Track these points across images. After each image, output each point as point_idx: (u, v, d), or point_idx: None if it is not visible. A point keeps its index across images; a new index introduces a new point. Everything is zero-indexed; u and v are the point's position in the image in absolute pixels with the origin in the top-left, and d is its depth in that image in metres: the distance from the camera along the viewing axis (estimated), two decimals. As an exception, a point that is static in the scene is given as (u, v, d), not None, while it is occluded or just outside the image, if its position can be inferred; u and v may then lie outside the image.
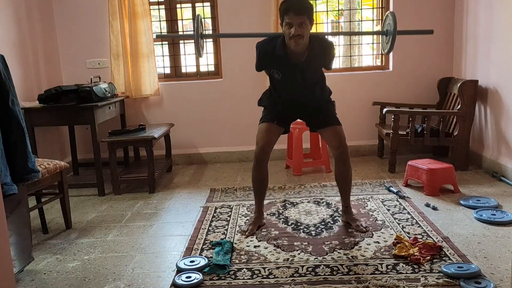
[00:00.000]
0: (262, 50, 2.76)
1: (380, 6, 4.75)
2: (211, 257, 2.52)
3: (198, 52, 2.79)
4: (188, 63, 4.87)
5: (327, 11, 5.30)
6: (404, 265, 2.35)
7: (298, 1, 2.56)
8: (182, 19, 4.90)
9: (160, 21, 4.84)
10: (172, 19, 4.78)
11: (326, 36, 2.94)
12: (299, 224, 2.99)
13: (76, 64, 4.72)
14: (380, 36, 3.08)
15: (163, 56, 4.92)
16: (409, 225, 2.88)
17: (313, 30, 2.71)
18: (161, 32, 4.81)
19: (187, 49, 4.86)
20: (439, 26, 4.59)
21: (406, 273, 2.27)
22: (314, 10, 2.61)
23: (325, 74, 2.96)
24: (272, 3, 4.40)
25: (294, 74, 2.73)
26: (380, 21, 4.78)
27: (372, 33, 4.11)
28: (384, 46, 2.85)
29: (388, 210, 3.17)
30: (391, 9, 4.62)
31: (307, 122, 3.01)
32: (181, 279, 2.30)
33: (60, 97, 3.83)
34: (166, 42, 4.86)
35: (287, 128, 2.99)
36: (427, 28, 3.16)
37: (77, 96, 3.84)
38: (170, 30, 4.81)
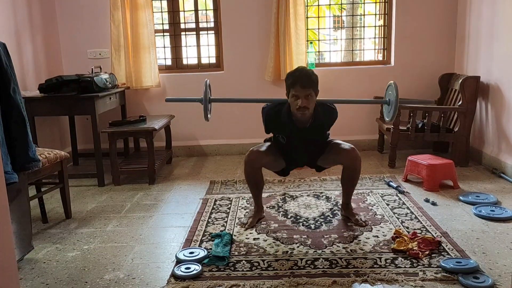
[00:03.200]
0: (267, 117, 2.80)
1: (383, 1, 4.73)
2: (211, 249, 2.53)
3: (206, 116, 2.78)
4: (189, 55, 4.86)
5: (329, 5, 5.27)
6: (402, 259, 2.36)
7: (304, 75, 2.60)
8: (184, 10, 4.88)
9: (161, 12, 4.82)
10: (174, 10, 4.76)
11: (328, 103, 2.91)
12: (298, 217, 2.99)
13: (77, 54, 4.70)
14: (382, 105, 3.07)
15: (164, 47, 4.90)
16: (408, 219, 2.89)
17: (315, 23, 2.70)
18: (162, 24, 4.79)
19: (188, 40, 4.84)
20: (442, 22, 4.58)
21: (405, 267, 2.28)
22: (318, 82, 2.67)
23: (325, 67, 2.95)
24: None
25: (298, 139, 2.78)
26: (383, 15, 4.76)
27: (374, 102, 4.17)
28: (387, 114, 2.87)
29: (388, 204, 3.18)
30: (394, 5, 4.61)
31: (311, 166, 3.01)
32: (181, 270, 2.30)
33: (61, 87, 3.82)
34: (168, 34, 4.84)
35: (287, 170, 2.99)
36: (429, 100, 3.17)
37: (78, 86, 3.83)
38: (172, 21, 4.79)
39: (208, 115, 2.78)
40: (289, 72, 2.73)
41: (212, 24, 4.80)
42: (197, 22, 4.83)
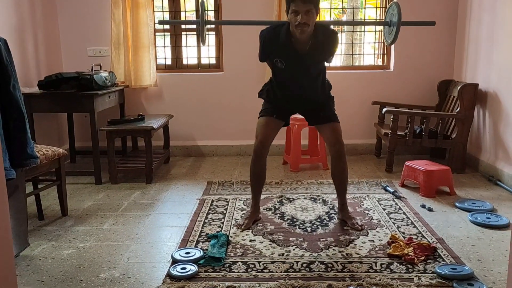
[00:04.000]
0: (266, 38, 2.75)
1: (383, 6, 4.75)
2: (207, 249, 2.53)
3: (202, 40, 2.76)
4: (189, 55, 4.86)
5: (330, 9, 5.29)
6: (398, 265, 2.36)
7: None
8: (185, 11, 4.88)
9: (163, 11, 4.83)
10: (175, 10, 4.77)
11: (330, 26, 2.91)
12: (295, 220, 3.00)
13: (77, 52, 4.70)
14: (383, 28, 3.06)
15: (164, 47, 4.90)
16: (404, 225, 2.90)
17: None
18: (163, 25, 4.79)
19: (189, 40, 4.84)
20: (441, 28, 4.60)
21: (400, 272, 2.29)
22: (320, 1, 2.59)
23: (326, 72, 2.96)
24: (276, -3, 4.40)
25: (297, 63, 2.72)
26: (384, 18, 4.77)
27: (376, 23, 4.09)
28: (388, 36, 2.84)
29: (384, 209, 3.19)
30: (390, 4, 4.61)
31: (306, 117, 3.01)
32: (176, 270, 2.30)
33: (60, 84, 3.82)
34: (168, 33, 4.84)
35: (287, 121, 3.00)
36: (429, 21, 3.15)
37: (77, 84, 3.83)
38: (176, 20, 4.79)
39: (204, 39, 2.76)
40: None
41: (212, 25, 4.80)
42: (198, 22, 4.82)
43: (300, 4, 2.51)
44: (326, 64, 2.91)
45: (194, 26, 4.83)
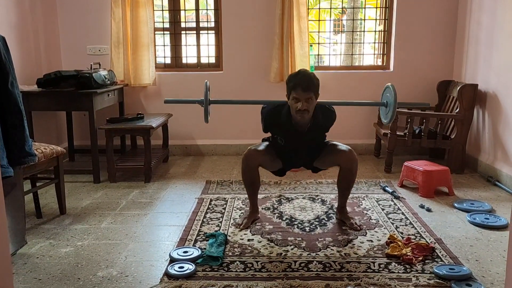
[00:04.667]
0: (267, 118, 2.81)
1: (384, 6, 4.74)
2: (205, 249, 2.53)
3: (206, 118, 2.78)
4: (189, 54, 4.86)
5: (330, 9, 5.29)
6: (396, 265, 2.36)
7: (306, 78, 2.61)
8: (185, 9, 4.88)
9: (162, 10, 4.82)
10: (174, 9, 4.76)
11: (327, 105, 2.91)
12: (293, 219, 3.00)
13: (77, 50, 4.69)
14: (380, 108, 3.09)
15: (164, 46, 4.90)
16: (402, 225, 2.90)
17: (315, 24, 2.70)
18: (163, 23, 4.79)
19: (188, 39, 4.84)
20: (441, 29, 4.60)
21: (398, 272, 2.29)
22: (319, 85, 2.67)
23: (325, 70, 2.96)
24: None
25: (297, 140, 2.79)
26: (383, 21, 4.77)
27: (372, 104, 4.18)
28: (384, 116, 2.88)
29: (383, 209, 3.18)
30: (394, 11, 4.62)
31: (308, 167, 3.01)
32: (174, 269, 2.30)
33: (59, 82, 3.81)
34: (168, 32, 4.84)
35: (283, 171, 2.99)
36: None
37: (76, 82, 3.82)
38: (173, 20, 4.79)
39: (208, 117, 2.77)
40: (290, 74, 2.74)
41: (212, 24, 4.80)
42: (197, 21, 4.82)
43: (301, 93, 2.58)
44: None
45: (194, 25, 4.83)
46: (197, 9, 4.80)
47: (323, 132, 2.88)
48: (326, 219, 3.01)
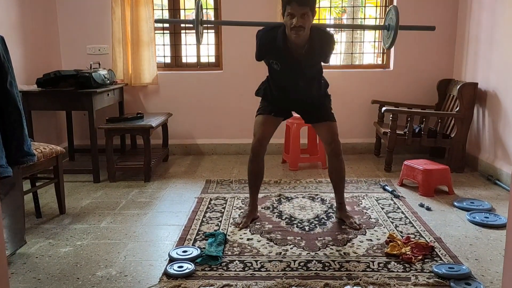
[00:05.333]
0: (261, 40, 2.72)
1: (384, 5, 4.73)
2: (204, 248, 2.53)
3: (198, 39, 2.74)
4: (188, 53, 4.85)
5: (330, 7, 5.28)
6: (395, 264, 2.36)
7: None
8: (184, 9, 4.87)
9: (162, 9, 4.82)
10: (174, 8, 4.76)
11: (327, 29, 2.91)
12: (293, 218, 2.99)
13: (76, 49, 4.69)
14: (382, 31, 3.05)
15: (163, 45, 4.89)
16: (402, 224, 2.90)
17: (315, 21, 2.69)
18: (162, 22, 4.78)
19: (188, 39, 4.84)
20: (441, 27, 4.58)
21: (397, 271, 2.28)
22: (317, 3, 2.56)
23: (324, 69, 2.95)
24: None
25: (293, 66, 2.70)
26: (383, 19, 4.76)
27: (374, 27, 4.08)
28: (386, 41, 2.82)
29: (382, 208, 3.18)
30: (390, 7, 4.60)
31: (303, 115, 3.00)
32: (173, 269, 2.30)
33: (59, 81, 3.81)
34: (168, 31, 4.84)
35: (286, 116, 2.99)
36: (429, 26, 3.14)
37: (76, 82, 3.82)
38: (172, 18, 4.78)
39: (200, 38, 2.74)
40: None
41: (210, 25, 4.79)
42: (197, 20, 4.81)
43: (296, 7, 2.48)
44: (323, 63, 2.89)
45: (192, 25, 4.82)
46: (195, 7, 4.78)
47: (320, 58, 2.77)
48: (326, 218, 3.00)
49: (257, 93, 2.98)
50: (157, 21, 2.92)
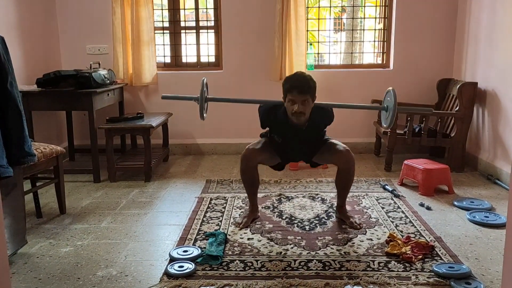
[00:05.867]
0: (263, 117, 2.82)
1: (384, 4, 4.74)
2: (204, 248, 2.53)
3: (201, 115, 2.76)
4: (188, 53, 4.85)
5: (330, 7, 5.28)
6: (396, 263, 2.36)
7: (302, 81, 2.59)
8: (184, 9, 4.88)
9: (162, 9, 4.82)
10: (174, 8, 4.76)
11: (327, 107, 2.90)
12: (293, 218, 3.00)
13: (76, 49, 4.69)
14: (380, 111, 3.07)
15: (163, 45, 4.90)
16: (402, 223, 2.90)
17: (315, 23, 2.69)
18: (162, 22, 4.78)
19: (188, 39, 4.84)
20: (441, 27, 4.59)
21: (398, 271, 2.29)
22: (316, 89, 2.66)
23: (324, 69, 2.95)
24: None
25: (294, 138, 2.78)
26: (383, 19, 4.77)
27: (372, 107, 4.17)
28: (384, 121, 2.84)
29: (383, 208, 3.18)
30: (394, 9, 4.61)
31: (307, 162, 3.02)
32: (174, 268, 2.30)
33: (59, 81, 3.81)
34: (167, 31, 4.84)
35: (282, 165, 3.00)
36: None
37: (76, 82, 3.82)
38: (172, 19, 4.78)
39: (204, 114, 2.76)
40: (287, 76, 2.74)
41: (212, 23, 4.80)
42: (197, 20, 4.82)
43: (296, 95, 2.56)
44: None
45: (194, 24, 4.83)
46: (196, 8, 4.80)
47: (321, 131, 2.87)
48: (326, 217, 3.01)
49: (262, 126, 2.94)
50: (163, 97, 2.98)
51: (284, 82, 2.66)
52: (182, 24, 4.83)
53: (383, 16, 4.77)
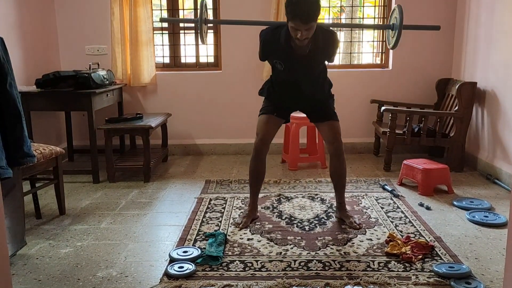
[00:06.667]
0: (265, 40, 2.71)
1: (382, 4, 4.74)
2: (204, 248, 2.53)
3: (201, 39, 2.72)
4: (187, 53, 4.85)
5: (329, 7, 5.28)
6: (396, 263, 2.36)
7: (306, 8, 2.40)
8: (183, 9, 4.87)
9: (161, 10, 4.81)
10: (173, 8, 4.75)
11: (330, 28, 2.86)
12: (293, 218, 3.00)
13: (75, 50, 4.69)
14: (386, 30, 3.04)
15: (162, 45, 4.89)
16: (402, 223, 2.90)
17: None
18: (163, 22, 4.77)
19: (187, 39, 4.83)
20: (440, 27, 4.59)
21: (398, 271, 2.29)
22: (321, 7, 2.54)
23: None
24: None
25: (296, 66, 2.70)
26: (382, 19, 4.77)
27: (378, 26, 4.03)
28: (390, 40, 2.81)
29: (382, 208, 3.18)
30: (393, 7, 4.61)
31: (307, 114, 3.01)
32: (174, 269, 2.30)
33: (58, 82, 3.81)
34: (166, 32, 4.83)
35: (287, 119, 3.00)
36: (434, 25, 3.13)
37: (75, 82, 3.82)
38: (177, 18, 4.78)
39: (204, 38, 2.72)
40: None
41: (212, 24, 4.79)
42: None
43: (300, 24, 2.44)
44: (328, 63, 2.89)
45: (193, 25, 4.82)
46: (195, 8, 4.79)
47: (324, 57, 2.76)
48: (326, 218, 3.01)
49: (260, 93, 2.98)
50: (161, 20, 2.90)
51: (287, 4, 2.46)
52: (181, 24, 4.82)
53: (381, 16, 4.77)
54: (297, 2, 2.41)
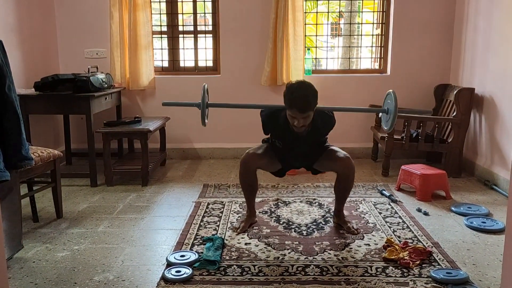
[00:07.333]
0: (264, 121, 2.80)
1: (381, 10, 4.76)
2: (202, 253, 2.52)
3: (203, 121, 2.73)
4: (186, 57, 4.86)
5: (327, 12, 5.30)
6: (393, 269, 2.36)
7: (302, 99, 2.49)
8: (182, 13, 4.88)
9: (160, 14, 4.82)
10: (172, 13, 4.77)
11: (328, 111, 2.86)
12: (290, 223, 2.99)
13: (74, 53, 4.69)
14: (381, 114, 3.06)
15: (161, 49, 4.90)
16: (400, 229, 2.90)
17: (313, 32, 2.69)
18: (160, 26, 4.79)
19: (186, 43, 4.84)
20: (438, 33, 4.61)
21: (395, 276, 2.29)
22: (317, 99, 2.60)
23: (322, 74, 2.96)
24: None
25: (295, 144, 2.77)
26: (380, 24, 4.78)
27: (373, 110, 4.17)
28: (385, 123, 2.84)
29: (380, 213, 3.18)
30: (391, 14, 4.63)
31: (306, 168, 3.01)
32: (171, 273, 2.29)
33: (57, 85, 3.81)
34: (165, 36, 4.84)
35: (283, 171, 2.98)
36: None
37: (73, 85, 3.82)
38: (170, 23, 4.79)
39: (205, 120, 2.75)
40: (288, 87, 2.60)
41: (210, 28, 4.81)
42: (195, 25, 4.83)
43: (297, 113, 2.52)
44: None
45: (192, 29, 4.83)
46: (194, 13, 4.80)
47: (322, 136, 2.86)
48: (324, 223, 3.00)
49: (265, 131, 2.91)
50: (164, 104, 2.95)
51: (285, 93, 2.58)
52: (180, 28, 4.84)
53: (380, 22, 4.79)
54: (294, 93, 2.52)
